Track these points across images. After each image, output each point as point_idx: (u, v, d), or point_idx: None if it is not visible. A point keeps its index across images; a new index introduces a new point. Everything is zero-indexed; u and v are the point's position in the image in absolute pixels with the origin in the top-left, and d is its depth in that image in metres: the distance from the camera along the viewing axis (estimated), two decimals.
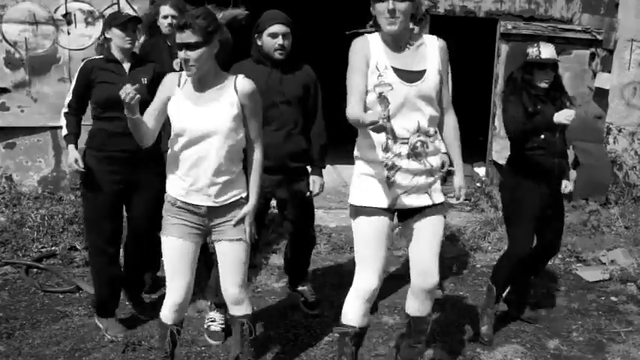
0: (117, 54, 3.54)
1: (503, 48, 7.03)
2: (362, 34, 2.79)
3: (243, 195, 2.85)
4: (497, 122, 6.98)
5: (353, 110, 2.61)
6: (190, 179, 2.74)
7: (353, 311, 2.88)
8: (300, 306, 4.09)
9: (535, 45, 3.70)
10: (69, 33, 6.34)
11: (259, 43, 3.51)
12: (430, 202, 2.81)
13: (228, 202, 2.80)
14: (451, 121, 2.91)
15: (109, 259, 3.63)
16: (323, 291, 4.44)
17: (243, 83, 2.75)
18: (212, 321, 3.68)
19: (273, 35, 3.45)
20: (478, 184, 7.28)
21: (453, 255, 5.32)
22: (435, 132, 2.80)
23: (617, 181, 7.20)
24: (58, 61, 6.35)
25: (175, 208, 2.80)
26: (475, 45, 10.16)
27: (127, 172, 3.52)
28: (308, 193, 3.79)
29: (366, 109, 2.67)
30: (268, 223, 5.29)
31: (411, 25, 2.94)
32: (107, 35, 3.54)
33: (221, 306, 3.50)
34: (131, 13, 6.30)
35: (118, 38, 3.49)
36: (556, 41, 6.98)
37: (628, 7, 7.10)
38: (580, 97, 7.11)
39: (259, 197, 2.93)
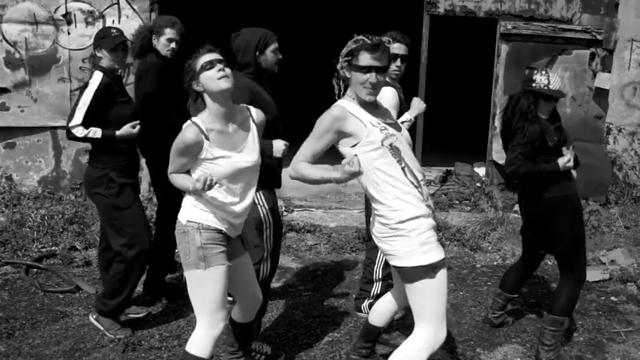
0: None
1: (503, 48, 7.04)
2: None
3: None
4: (497, 122, 6.96)
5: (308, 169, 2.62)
6: None
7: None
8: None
9: (543, 72, 3.36)
10: (69, 33, 6.34)
11: (259, 60, 3.47)
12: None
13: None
14: None
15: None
16: (323, 291, 4.44)
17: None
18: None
19: (276, 51, 3.48)
20: (478, 184, 7.27)
21: (453, 255, 5.32)
22: None
23: (617, 181, 7.20)
24: (58, 61, 6.36)
25: None
26: (475, 45, 10.15)
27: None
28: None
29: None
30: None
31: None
32: None
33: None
34: (130, 12, 6.35)
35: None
36: (556, 41, 7.00)
37: (628, 7, 7.10)
38: (580, 97, 7.12)
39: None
